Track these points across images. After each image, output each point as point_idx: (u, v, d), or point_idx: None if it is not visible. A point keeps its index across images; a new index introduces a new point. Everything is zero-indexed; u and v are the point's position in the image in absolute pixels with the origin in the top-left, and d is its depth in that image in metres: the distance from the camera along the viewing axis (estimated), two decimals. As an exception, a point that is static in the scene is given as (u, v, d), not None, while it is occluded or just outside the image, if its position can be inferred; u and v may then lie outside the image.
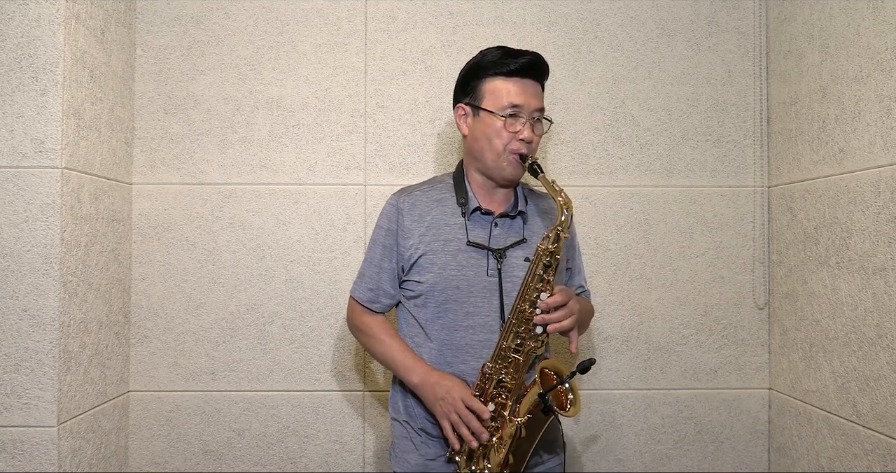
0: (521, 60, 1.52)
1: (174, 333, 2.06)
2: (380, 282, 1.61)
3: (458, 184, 1.62)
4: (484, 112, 1.54)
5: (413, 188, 1.65)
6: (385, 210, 1.63)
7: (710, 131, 2.14)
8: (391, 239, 1.59)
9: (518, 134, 1.52)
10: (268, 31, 2.09)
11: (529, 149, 1.53)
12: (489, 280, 1.54)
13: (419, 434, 1.58)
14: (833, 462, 1.80)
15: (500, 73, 1.53)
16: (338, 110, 2.09)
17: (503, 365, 1.48)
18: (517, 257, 1.55)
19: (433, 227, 1.57)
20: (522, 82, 1.53)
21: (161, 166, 2.07)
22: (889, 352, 1.59)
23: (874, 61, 1.64)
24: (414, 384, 1.54)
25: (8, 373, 1.63)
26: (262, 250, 2.07)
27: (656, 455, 2.13)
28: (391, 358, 1.59)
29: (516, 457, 1.47)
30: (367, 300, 1.63)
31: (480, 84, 1.55)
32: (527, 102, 1.52)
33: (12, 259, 1.63)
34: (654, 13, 2.14)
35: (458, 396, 1.46)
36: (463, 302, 1.54)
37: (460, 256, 1.55)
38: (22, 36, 1.64)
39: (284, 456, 2.07)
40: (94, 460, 1.82)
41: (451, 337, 1.54)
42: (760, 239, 2.13)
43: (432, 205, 1.60)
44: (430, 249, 1.55)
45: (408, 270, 1.58)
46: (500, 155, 1.53)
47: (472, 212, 1.58)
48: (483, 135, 1.54)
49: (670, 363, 2.13)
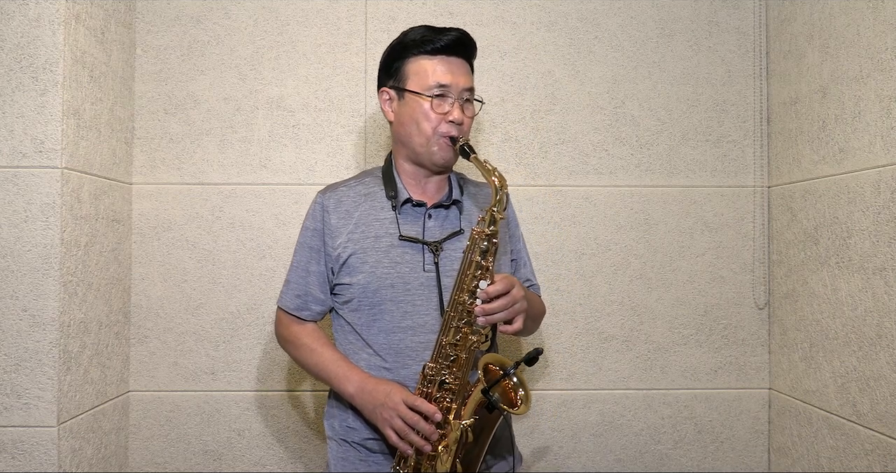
0: (445, 37, 1.43)
1: (174, 333, 2.06)
2: (307, 288, 1.50)
3: (386, 176, 1.51)
4: (409, 94, 1.44)
5: (339, 184, 1.55)
6: (310, 209, 1.52)
7: (710, 131, 2.14)
8: (317, 240, 1.49)
9: (447, 115, 1.42)
10: (268, 31, 2.09)
11: (460, 131, 1.43)
12: (426, 275, 1.43)
13: (359, 450, 1.46)
14: (833, 462, 1.80)
15: (425, 52, 1.43)
16: (338, 110, 2.09)
17: (445, 364, 1.35)
18: (455, 249, 1.45)
19: (362, 224, 1.46)
20: (448, 60, 1.43)
21: (161, 166, 2.07)
22: (889, 352, 1.59)
23: (874, 61, 1.64)
24: (350, 394, 1.41)
25: (8, 373, 1.63)
26: (262, 250, 2.08)
27: (656, 455, 2.13)
28: (324, 369, 1.46)
29: (465, 464, 1.35)
30: (295, 307, 1.52)
31: (404, 64, 1.45)
32: (454, 81, 1.42)
33: (12, 259, 1.63)
34: (654, 13, 2.14)
35: (398, 399, 1.33)
36: (399, 302, 1.42)
37: (393, 252, 1.44)
38: (22, 36, 1.64)
39: (284, 456, 2.07)
40: (94, 460, 1.82)
41: (390, 340, 1.43)
42: (760, 239, 2.13)
43: (360, 199, 1.49)
44: (360, 247, 1.44)
45: (337, 272, 1.47)
46: (429, 138, 1.43)
47: (403, 204, 1.47)
48: (410, 119, 1.44)
49: (670, 363, 2.13)
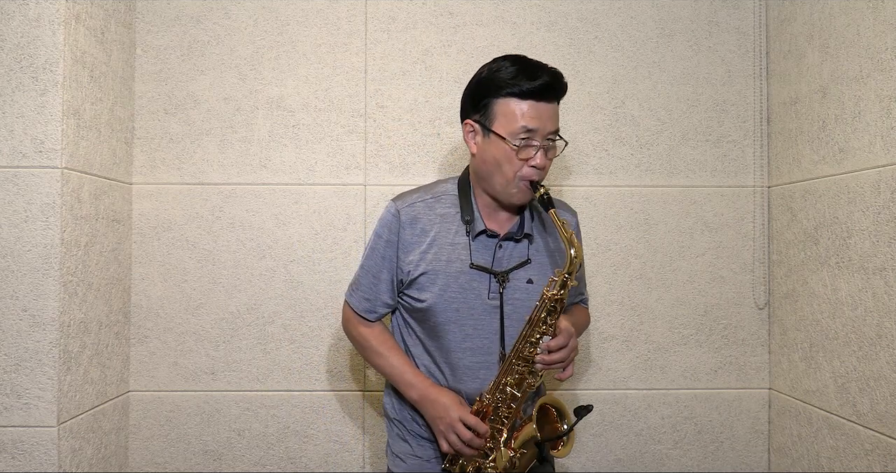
0: (537, 82, 1.40)
1: (174, 333, 2.06)
2: (377, 293, 1.56)
3: (463, 198, 1.53)
4: (495, 135, 1.44)
5: (415, 197, 1.55)
6: (385, 218, 1.55)
7: (710, 131, 2.14)
8: (391, 251, 1.53)
9: (530, 160, 1.43)
10: (268, 31, 2.09)
11: (541, 176, 1.45)
12: (490, 303, 1.50)
13: (413, 436, 1.58)
14: (833, 462, 1.80)
15: (514, 94, 1.41)
16: (338, 110, 2.09)
17: (500, 398, 1.46)
18: (520, 279, 1.51)
19: (435, 245, 1.50)
20: (538, 106, 1.41)
21: (161, 166, 2.07)
22: (889, 352, 1.59)
23: (874, 61, 1.64)
24: (413, 399, 1.53)
25: (8, 373, 1.63)
26: (262, 250, 2.07)
27: (656, 455, 2.12)
28: (390, 373, 1.57)
29: None
30: (364, 310, 1.58)
31: (492, 103, 1.44)
32: (542, 126, 1.42)
33: (12, 259, 1.63)
34: (654, 13, 2.14)
35: (456, 416, 1.45)
36: (462, 325, 1.50)
37: (462, 278, 1.49)
38: (22, 36, 1.64)
39: (284, 456, 2.07)
40: (94, 460, 1.82)
41: (449, 358, 1.52)
42: (760, 239, 2.13)
43: (435, 219, 1.52)
44: (432, 269, 1.50)
45: (407, 285, 1.53)
46: (509, 181, 1.45)
47: (478, 234, 1.51)
48: (493, 159, 1.45)
49: (670, 363, 2.13)
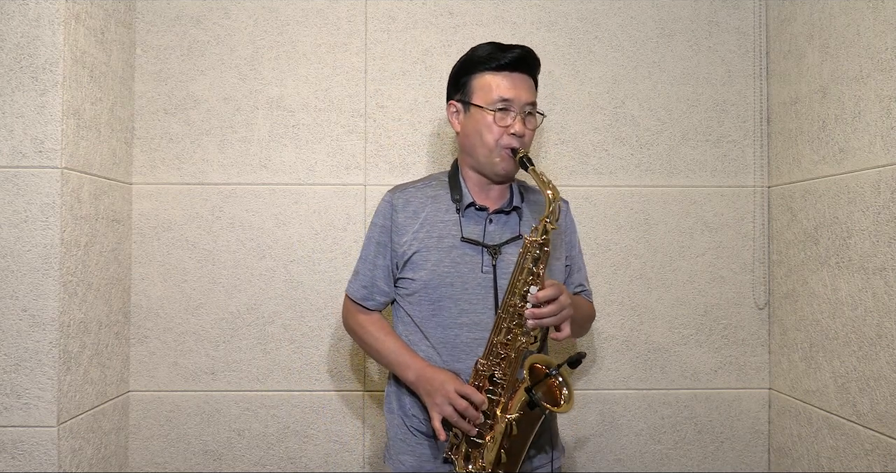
0: (510, 54, 1.51)
1: (174, 333, 2.06)
2: (374, 280, 1.61)
3: (452, 181, 1.61)
4: (474, 107, 1.53)
5: (408, 185, 1.65)
6: (379, 207, 1.63)
7: (710, 131, 2.14)
8: (385, 236, 1.59)
9: (509, 128, 1.51)
10: (268, 31, 2.09)
11: (521, 143, 1.52)
12: (483, 276, 1.53)
13: (415, 434, 1.57)
14: (833, 462, 1.80)
15: (490, 68, 1.52)
16: (338, 110, 2.09)
17: (496, 361, 1.46)
18: (512, 254, 1.53)
19: (427, 224, 1.56)
20: (512, 76, 1.52)
21: (161, 166, 2.07)
22: (889, 352, 1.59)
23: (874, 61, 1.64)
24: (410, 380, 1.53)
25: (8, 373, 1.63)
26: (262, 250, 2.07)
27: (656, 455, 2.13)
28: (386, 357, 1.58)
29: (510, 456, 1.44)
30: (362, 297, 1.63)
31: (471, 80, 1.55)
32: (517, 96, 1.51)
33: (12, 259, 1.63)
34: (654, 13, 2.14)
35: (451, 387, 1.45)
36: (457, 300, 1.53)
37: (454, 253, 1.54)
38: (22, 36, 1.64)
39: (284, 456, 2.07)
40: (94, 460, 1.82)
41: (446, 334, 1.53)
42: (760, 239, 2.13)
43: (426, 201, 1.59)
44: (424, 246, 1.55)
45: (402, 267, 1.58)
46: (491, 150, 1.53)
47: (467, 207, 1.57)
48: (474, 131, 1.54)
49: (670, 363, 2.13)
